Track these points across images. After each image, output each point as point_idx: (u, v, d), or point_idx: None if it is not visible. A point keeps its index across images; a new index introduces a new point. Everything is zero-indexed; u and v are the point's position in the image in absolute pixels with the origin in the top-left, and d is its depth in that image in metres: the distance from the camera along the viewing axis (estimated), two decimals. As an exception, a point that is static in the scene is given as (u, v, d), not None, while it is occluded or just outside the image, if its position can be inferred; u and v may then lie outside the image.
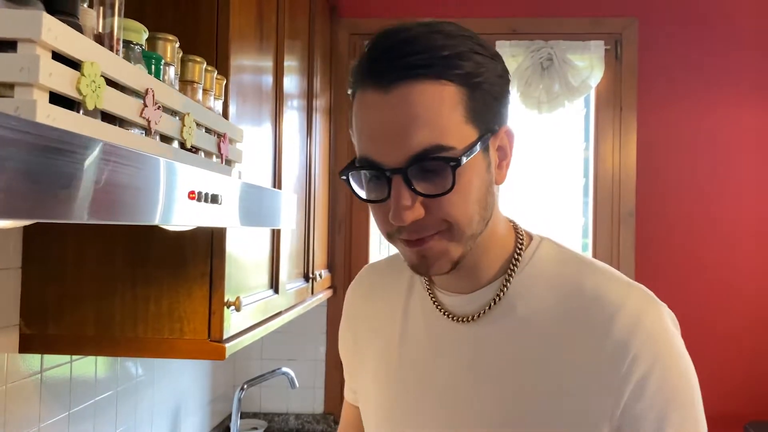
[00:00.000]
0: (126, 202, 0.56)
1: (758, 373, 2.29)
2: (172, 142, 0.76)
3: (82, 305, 1.16)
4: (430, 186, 0.67)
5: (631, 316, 0.72)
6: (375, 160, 0.68)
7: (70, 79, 0.52)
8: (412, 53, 0.66)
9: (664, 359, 0.72)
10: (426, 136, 0.66)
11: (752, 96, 2.33)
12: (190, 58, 0.88)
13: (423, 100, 0.66)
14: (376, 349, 0.88)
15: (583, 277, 0.76)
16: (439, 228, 0.69)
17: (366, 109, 0.69)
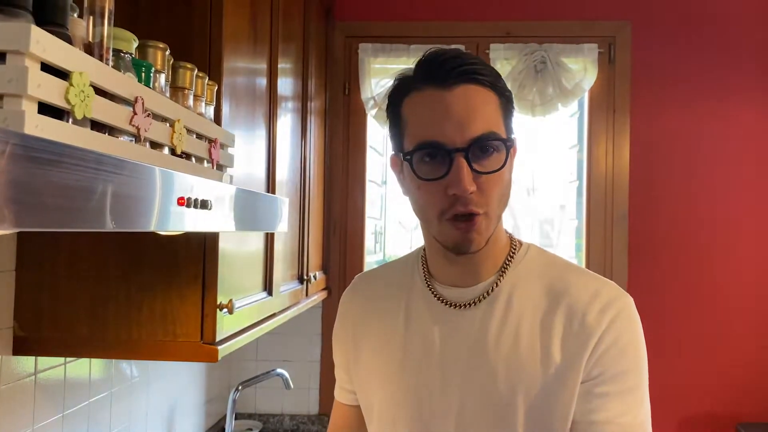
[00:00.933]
0: (115, 210, 0.57)
1: (750, 375, 2.30)
2: (163, 148, 0.77)
3: (76, 308, 1.17)
4: (484, 166, 0.82)
5: (604, 301, 0.87)
6: (439, 141, 0.81)
7: (59, 90, 0.53)
8: (468, 63, 0.83)
9: (629, 336, 0.87)
10: (484, 123, 0.82)
11: (745, 99, 2.34)
12: (181, 64, 0.89)
13: (479, 98, 0.83)
14: (380, 343, 0.97)
15: (566, 274, 0.91)
16: (483, 209, 0.83)
17: (427, 103, 0.83)
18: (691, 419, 2.31)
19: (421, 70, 0.85)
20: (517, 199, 2.44)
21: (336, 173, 2.46)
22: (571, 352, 0.85)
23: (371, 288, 1.04)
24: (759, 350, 2.31)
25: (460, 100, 0.81)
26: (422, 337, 0.92)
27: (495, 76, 0.86)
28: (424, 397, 0.90)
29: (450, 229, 0.85)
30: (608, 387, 0.84)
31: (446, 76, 0.82)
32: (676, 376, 2.31)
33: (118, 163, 0.56)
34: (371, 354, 0.98)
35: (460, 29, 2.41)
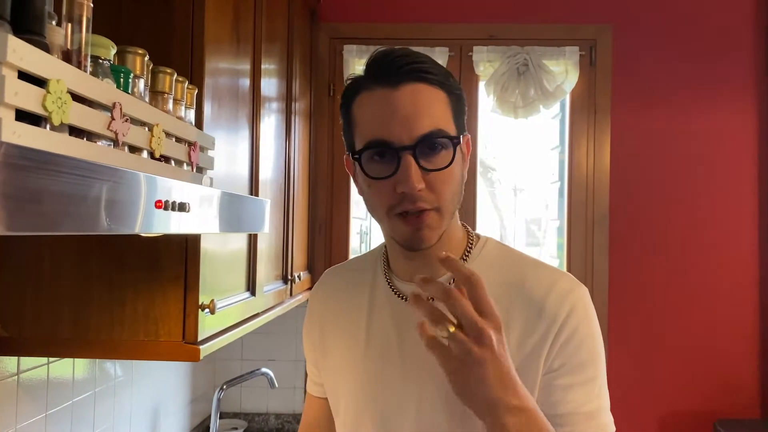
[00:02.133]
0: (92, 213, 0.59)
1: (727, 372, 2.35)
2: (142, 152, 0.78)
3: (58, 308, 1.18)
4: (432, 163, 0.83)
5: (560, 293, 0.88)
6: (386, 139, 0.83)
7: (36, 97, 0.55)
8: (415, 62, 0.84)
9: (586, 327, 0.88)
10: (431, 121, 0.83)
11: (724, 101, 2.39)
12: (160, 69, 0.90)
13: (426, 96, 0.84)
14: (344, 337, 0.99)
15: (523, 267, 0.93)
16: (433, 205, 0.84)
17: (375, 102, 0.85)
18: (671, 416, 2.36)
19: (370, 70, 0.86)
20: (503, 199, 2.47)
21: (321, 173, 2.47)
22: (530, 345, 0.87)
23: (338, 282, 1.06)
24: (737, 348, 2.35)
25: (407, 98, 0.83)
26: (382, 332, 0.94)
27: (444, 74, 0.87)
28: (385, 392, 0.92)
29: (400, 224, 0.86)
30: (569, 379, 0.86)
31: (393, 75, 0.83)
32: (656, 374, 2.35)
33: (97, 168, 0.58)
34: (337, 348, 1.00)
35: (443, 31, 2.43)
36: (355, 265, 1.07)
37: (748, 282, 2.37)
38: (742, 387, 2.34)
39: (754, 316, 2.36)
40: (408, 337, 0.91)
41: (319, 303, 1.07)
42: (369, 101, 0.85)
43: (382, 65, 0.85)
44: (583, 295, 0.90)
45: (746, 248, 2.37)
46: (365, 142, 0.85)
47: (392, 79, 0.83)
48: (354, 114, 0.88)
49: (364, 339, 0.96)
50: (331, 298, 1.05)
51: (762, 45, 2.37)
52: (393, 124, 0.82)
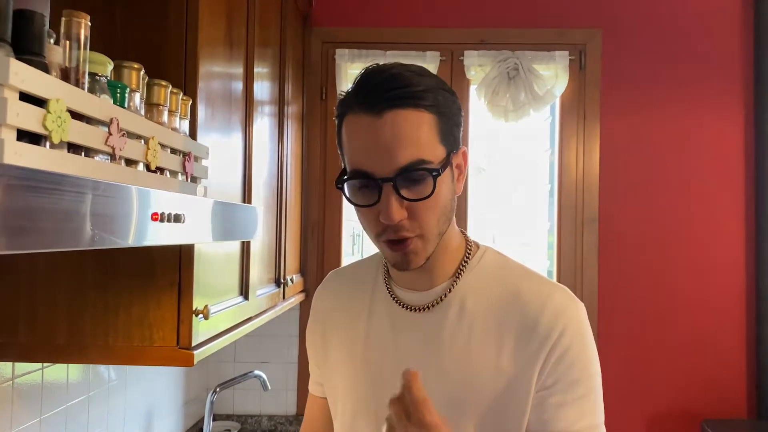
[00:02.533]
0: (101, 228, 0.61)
1: (714, 373, 2.38)
2: (137, 164, 0.80)
3: (53, 314, 1.19)
4: (413, 193, 0.84)
5: (554, 309, 0.89)
6: (368, 171, 0.84)
7: (37, 117, 0.56)
8: (398, 87, 0.84)
9: (580, 344, 0.89)
10: (411, 152, 0.83)
11: (712, 106, 2.42)
12: (156, 82, 0.92)
13: (407, 124, 0.83)
14: (344, 340, 1.01)
15: (519, 280, 0.94)
16: (415, 232, 0.86)
17: (359, 130, 0.85)
18: (659, 417, 2.39)
19: (356, 92, 0.87)
20: (493, 200, 2.50)
21: (313, 177, 2.49)
22: (523, 360, 0.88)
23: (340, 285, 1.08)
24: (724, 348, 2.39)
25: (388, 128, 0.83)
26: (381, 338, 0.96)
27: (432, 92, 0.85)
28: (381, 396, 0.91)
29: (387, 250, 0.88)
30: (562, 396, 0.87)
31: (376, 102, 0.83)
32: (644, 375, 2.38)
33: (94, 184, 0.60)
34: (337, 350, 1.02)
35: (435, 36, 2.45)
36: (357, 268, 1.09)
37: (734, 283, 2.40)
38: (728, 387, 2.38)
39: (741, 318, 2.39)
40: (406, 345, 0.93)
41: (321, 304, 1.09)
42: (354, 127, 0.86)
43: (367, 89, 0.85)
44: (577, 311, 0.91)
45: (733, 250, 2.40)
46: (350, 170, 0.86)
47: (376, 106, 0.83)
48: (343, 134, 0.89)
49: (362, 342, 0.98)
50: (334, 300, 1.07)
51: (748, 50, 2.41)
52: (374, 155, 0.83)
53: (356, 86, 0.87)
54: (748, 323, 2.39)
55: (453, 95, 0.90)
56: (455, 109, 0.89)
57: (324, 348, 1.05)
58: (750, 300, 2.39)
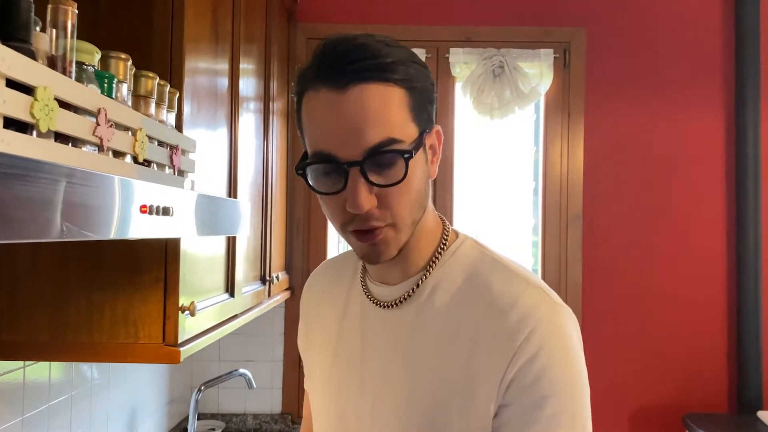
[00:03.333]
0: (78, 219, 0.59)
1: (695, 368, 2.41)
2: (125, 156, 0.79)
3: (36, 311, 1.17)
4: (383, 178, 0.74)
5: (523, 309, 0.78)
6: (332, 153, 0.74)
7: (24, 104, 0.55)
8: (364, 58, 0.74)
9: (550, 351, 0.76)
10: (379, 131, 0.73)
11: (695, 104, 2.44)
12: (143, 73, 0.90)
13: (375, 100, 0.73)
14: (321, 339, 0.96)
15: (493, 274, 0.83)
16: (386, 221, 0.77)
17: (321, 107, 0.75)
18: (640, 412, 2.41)
19: (316, 65, 0.76)
20: (477, 198, 2.50)
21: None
22: (482, 367, 0.77)
23: (321, 280, 1.03)
24: (706, 343, 2.42)
25: (354, 104, 0.73)
26: (351, 335, 0.90)
27: (402, 64, 0.75)
28: (346, 396, 0.89)
29: (354, 241, 0.79)
30: (529, 415, 0.74)
31: (339, 76, 0.73)
32: (625, 371, 2.40)
33: (80, 174, 0.58)
34: (316, 347, 0.98)
35: (420, 33, 2.45)
36: (340, 262, 1.02)
37: (716, 279, 2.43)
38: (710, 382, 2.41)
39: (722, 313, 2.43)
40: (370, 341, 0.87)
41: (306, 300, 1.05)
42: (315, 105, 0.75)
43: (328, 61, 0.74)
44: (550, 313, 0.79)
45: (715, 246, 2.44)
46: (311, 153, 0.77)
47: (339, 80, 0.73)
48: (302, 114, 0.79)
49: (335, 341, 0.93)
50: (316, 296, 1.02)
51: (729, 49, 2.44)
52: (338, 135, 0.73)
53: (317, 58, 0.76)
54: (729, 319, 2.42)
55: (425, 69, 0.80)
56: (428, 84, 0.80)
57: (307, 346, 1.01)
58: (731, 295, 2.42)
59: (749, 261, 2.36)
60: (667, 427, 2.39)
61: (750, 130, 2.37)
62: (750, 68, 2.37)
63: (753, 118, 2.37)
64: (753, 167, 2.37)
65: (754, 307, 2.35)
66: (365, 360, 0.87)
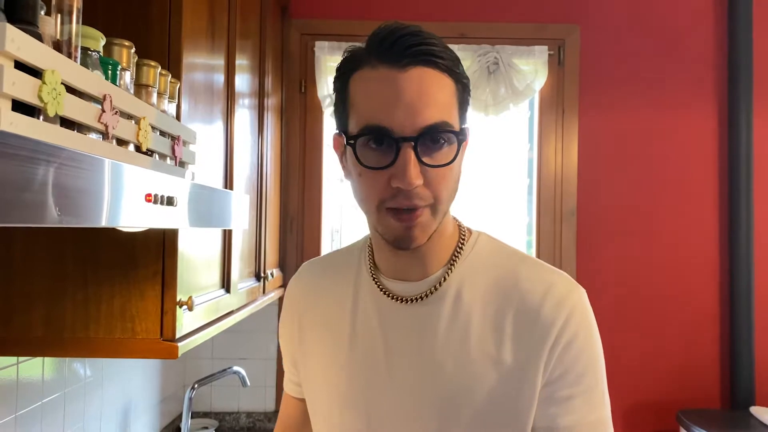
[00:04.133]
0: (84, 205, 0.58)
1: (689, 364, 2.43)
2: (128, 145, 0.77)
3: (31, 306, 1.15)
4: (432, 159, 0.76)
5: (557, 296, 0.83)
6: (387, 126, 0.75)
7: (32, 88, 0.54)
8: (426, 43, 0.76)
9: (585, 333, 0.84)
10: (436, 112, 0.75)
11: (688, 102, 2.46)
12: (145, 62, 0.89)
13: (434, 84, 0.76)
14: (326, 338, 0.93)
15: (517, 266, 0.87)
16: (428, 201, 0.78)
17: (378, 84, 0.76)
18: (635, 408, 2.42)
19: (375, 45, 0.77)
20: (471, 194, 2.50)
21: (292, 170, 2.46)
22: (525, 352, 0.81)
23: (317, 277, 0.99)
24: (699, 340, 2.43)
25: (413, 83, 0.74)
26: (368, 333, 0.88)
27: (454, 60, 0.79)
28: (370, 396, 0.87)
29: (390, 220, 0.79)
30: (571, 389, 0.81)
31: (401, 56, 0.75)
32: (619, 368, 2.41)
33: (88, 159, 0.57)
34: (318, 348, 0.94)
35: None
36: (336, 259, 0.99)
37: (709, 276, 2.45)
38: (703, 378, 2.42)
39: (715, 310, 2.44)
40: (395, 337, 0.86)
41: (296, 298, 1.00)
42: (370, 80, 0.76)
43: (389, 43, 0.76)
44: (580, 297, 0.85)
45: (708, 243, 2.45)
46: (362, 125, 0.76)
47: (400, 60, 0.75)
48: (351, 91, 0.79)
49: (347, 340, 0.90)
50: (310, 295, 0.98)
51: (723, 47, 2.46)
52: (396, 110, 0.74)
53: (375, 39, 0.78)
54: (722, 315, 2.44)
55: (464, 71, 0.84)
56: (469, 84, 0.83)
57: (302, 346, 0.97)
58: (724, 292, 2.44)
59: (742, 258, 2.37)
60: (661, 423, 2.40)
61: (743, 127, 2.39)
62: (742, 66, 2.39)
63: (745, 115, 2.39)
64: (745, 165, 2.38)
65: (746, 304, 2.37)
66: (391, 358, 0.86)
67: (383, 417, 0.86)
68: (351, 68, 0.79)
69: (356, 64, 0.79)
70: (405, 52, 0.75)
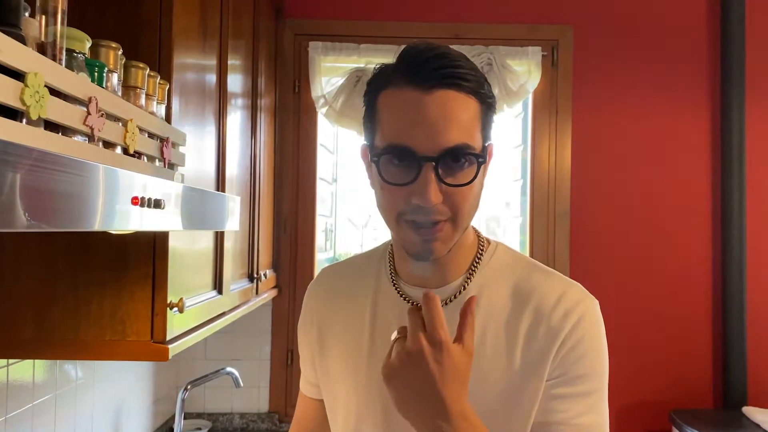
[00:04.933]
0: (69, 209, 0.58)
1: (682, 364, 2.43)
2: (115, 147, 0.77)
3: (21, 307, 1.15)
4: (453, 178, 0.80)
5: (568, 304, 0.86)
6: (410, 146, 0.78)
7: (14, 91, 0.53)
8: (451, 66, 0.79)
9: (591, 338, 0.87)
10: (457, 134, 0.78)
11: (681, 101, 2.46)
12: (133, 64, 0.89)
13: (458, 106, 0.79)
14: (346, 342, 0.95)
15: (533, 276, 0.90)
16: (446, 216, 0.81)
17: (404, 104, 0.80)
18: (627, 408, 2.43)
19: (402, 65, 0.81)
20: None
21: (286, 171, 2.46)
22: (534, 355, 0.85)
23: (337, 283, 1.01)
24: (691, 340, 2.44)
25: (437, 105, 0.78)
26: (388, 338, 0.89)
27: (479, 81, 0.82)
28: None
29: (410, 233, 0.83)
30: (567, 389, 0.84)
31: (426, 78, 0.78)
32: (612, 368, 2.40)
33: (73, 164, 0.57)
34: (337, 352, 0.96)
35: (409, 30, 2.44)
36: (356, 265, 1.02)
37: (702, 277, 2.45)
38: (696, 378, 2.43)
39: (707, 311, 2.45)
40: None
41: (316, 303, 1.03)
42: (396, 100, 0.80)
43: (416, 64, 0.79)
44: (591, 306, 0.88)
45: (701, 244, 2.46)
46: (386, 143, 0.81)
47: (424, 82, 0.78)
48: (379, 109, 0.83)
49: (367, 345, 0.92)
50: (330, 300, 1.00)
51: (715, 47, 2.46)
52: (419, 131, 0.78)
53: (402, 61, 0.81)
54: (715, 316, 2.44)
55: (491, 87, 0.87)
56: (494, 103, 0.85)
57: (321, 349, 0.99)
58: (716, 292, 2.44)
59: (735, 258, 2.38)
60: (654, 423, 2.41)
61: (735, 126, 2.39)
62: (735, 65, 2.39)
63: (738, 114, 2.39)
64: (738, 163, 2.39)
65: (739, 305, 2.37)
66: None
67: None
68: (379, 86, 0.83)
69: (384, 83, 0.82)
70: (431, 74, 0.78)
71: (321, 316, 1.00)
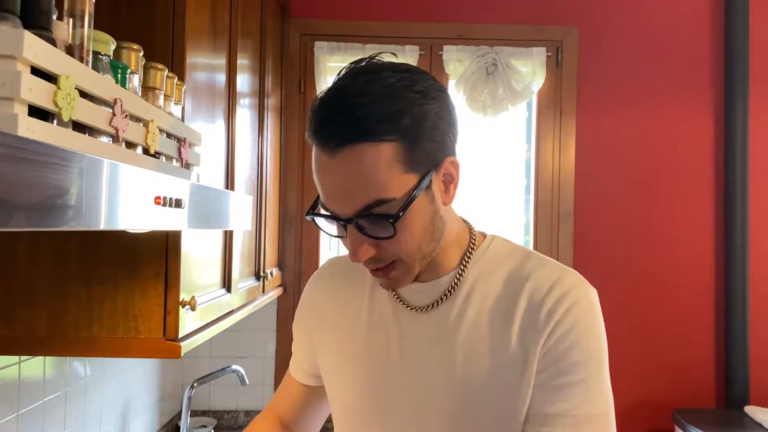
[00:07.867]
0: (96, 208, 0.59)
1: (685, 364, 2.45)
2: (137, 147, 0.78)
3: (34, 305, 1.16)
4: (378, 231, 0.79)
5: (562, 289, 0.85)
6: (332, 210, 0.81)
7: (48, 93, 0.54)
8: (352, 119, 0.75)
9: (584, 325, 0.85)
10: (366, 194, 0.77)
11: (685, 103, 2.48)
12: (152, 65, 0.90)
13: (362, 162, 0.76)
14: (342, 339, 0.97)
15: (528, 265, 0.89)
16: (392, 258, 0.82)
17: (317, 168, 0.80)
18: (631, 408, 2.44)
19: (312, 126, 0.79)
20: (469, 195, 2.51)
21: (291, 170, 2.47)
22: (527, 341, 0.84)
23: (338, 277, 1.03)
24: (694, 340, 2.45)
25: (342, 168, 0.76)
26: (384, 338, 0.92)
27: (391, 119, 0.75)
28: (387, 401, 0.91)
29: (371, 273, 0.86)
30: (563, 378, 0.83)
31: (328, 140, 0.76)
32: (615, 368, 2.42)
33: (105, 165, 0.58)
34: (335, 348, 0.98)
35: (414, 30, 2.46)
36: None
37: (704, 277, 2.47)
38: (698, 378, 2.44)
39: (710, 310, 2.46)
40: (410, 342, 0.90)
41: (316, 294, 1.05)
42: (315, 163, 0.81)
43: (318, 123, 0.78)
44: (585, 292, 0.87)
45: (703, 244, 2.47)
46: (320, 202, 0.83)
47: (328, 144, 0.76)
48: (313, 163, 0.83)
49: (364, 342, 0.94)
50: (330, 293, 1.02)
51: (719, 49, 2.47)
52: (332, 198, 0.79)
53: (311, 118, 0.80)
54: (717, 315, 2.46)
55: (437, 100, 0.79)
56: (429, 123, 0.78)
57: (321, 339, 1.02)
58: (719, 292, 2.46)
59: (737, 258, 2.39)
60: (657, 422, 2.42)
61: (738, 129, 2.41)
62: (739, 69, 2.41)
63: (742, 118, 2.40)
64: (741, 166, 2.40)
65: (742, 304, 2.39)
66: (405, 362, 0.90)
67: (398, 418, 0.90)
68: (309, 139, 0.81)
69: (311, 138, 0.81)
70: (331, 134, 0.76)
71: (320, 308, 1.03)
